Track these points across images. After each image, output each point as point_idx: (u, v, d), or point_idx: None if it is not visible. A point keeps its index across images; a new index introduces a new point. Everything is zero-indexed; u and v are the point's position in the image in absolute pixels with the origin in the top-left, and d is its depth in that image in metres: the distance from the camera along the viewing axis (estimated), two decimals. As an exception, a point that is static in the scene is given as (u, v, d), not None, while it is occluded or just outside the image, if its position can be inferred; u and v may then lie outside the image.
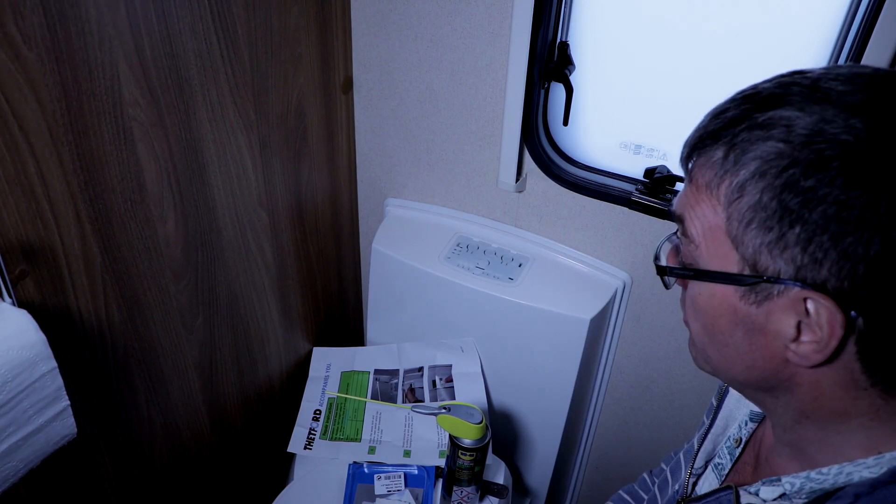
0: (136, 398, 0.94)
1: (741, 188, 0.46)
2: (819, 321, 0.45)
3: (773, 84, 0.48)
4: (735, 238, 0.47)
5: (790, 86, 0.47)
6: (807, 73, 0.48)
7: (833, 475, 0.51)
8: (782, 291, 0.46)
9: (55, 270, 0.75)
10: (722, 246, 0.48)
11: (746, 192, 0.46)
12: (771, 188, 0.44)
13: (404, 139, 1.22)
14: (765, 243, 0.45)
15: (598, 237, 1.14)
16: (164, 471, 1.04)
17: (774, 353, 0.49)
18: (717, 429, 0.69)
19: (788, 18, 0.86)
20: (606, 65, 1.02)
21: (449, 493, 1.06)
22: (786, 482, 0.53)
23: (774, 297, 0.47)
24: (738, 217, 0.47)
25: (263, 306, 1.16)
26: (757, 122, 0.46)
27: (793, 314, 0.46)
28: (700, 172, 0.50)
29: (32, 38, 0.65)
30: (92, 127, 0.74)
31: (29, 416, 0.67)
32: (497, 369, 1.24)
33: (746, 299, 0.48)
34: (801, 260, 0.44)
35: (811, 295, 0.44)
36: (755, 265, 0.47)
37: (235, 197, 1.01)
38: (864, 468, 0.49)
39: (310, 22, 1.05)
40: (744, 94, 0.49)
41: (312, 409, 1.21)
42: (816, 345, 0.46)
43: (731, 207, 0.47)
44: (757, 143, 0.45)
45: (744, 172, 0.46)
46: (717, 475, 0.66)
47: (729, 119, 0.48)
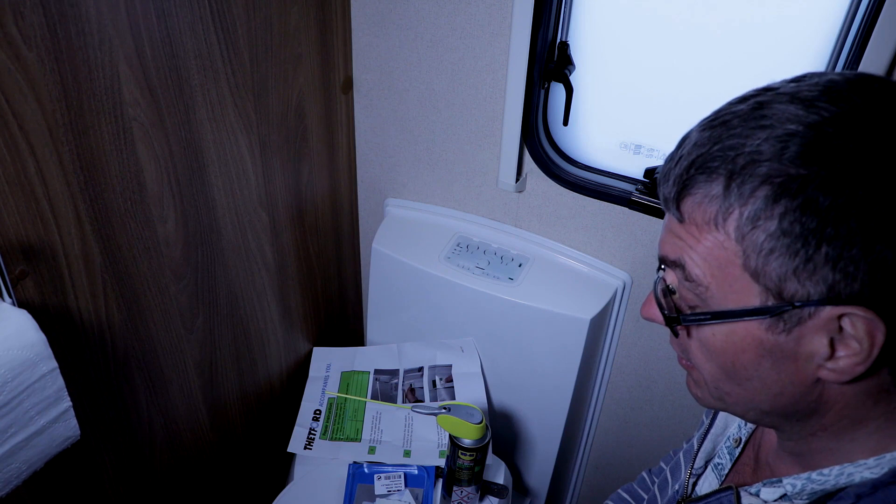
0: (136, 398, 0.94)
1: (754, 218, 0.44)
2: (857, 334, 0.44)
3: (749, 105, 0.46)
4: (755, 270, 0.45)
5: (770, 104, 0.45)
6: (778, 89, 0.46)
7: (834, 476, 0.50)
8: (813, 313, 0.44)
9: (55, 270, 0.75)
10: (738, 281, 0.46)
11: (761, 222, 0.44)
12: (789, 213, 0.42)
13: (404, 139, 1.22)
14: (791, 269, 0.43)
15: (598, 237, 1.14)
16: (164, 471, 1.04)
17: (805, 375, 0.47)
18: (717, 429, 0.69)
19: (788, 18, 0.86)
20: (606, 65, 1.02)
21: (449, 493, 1.06)
22: (787, 483, 0.53)
23: (805, 321, 0.45)
24: (755, 249, 0.44)
25: (263, 306, 1.16)
26: (752, 147, 0.44)
27: (825, 333, 0.45)
28: (698, 210, 0.47)
29: (32, 38, 0.65)
30: (92, 127, 0.74)
31: (30, 416, 0.67)
32: (497, 369, 1.24)
33: (774, 329, 0.46)
34: (833, 278, 0.43)
35: (848, 310, 0.43)
36: (780, 293, 0.45)
37: (235, 197, 1.01)
38: (864, 469, 0.49)
39: (310, 22, 1.05)
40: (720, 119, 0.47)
41: (312, 409, 1.21)
42: (856, 357, 0.44)
43: (745, 240, 0.45)
44: (759, 168, 0.43)
45: (753, 201, 0.44)
46: (716, 475, 0.65)
47: (719, 148, 0.46)
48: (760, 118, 0.45)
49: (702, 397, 0.56)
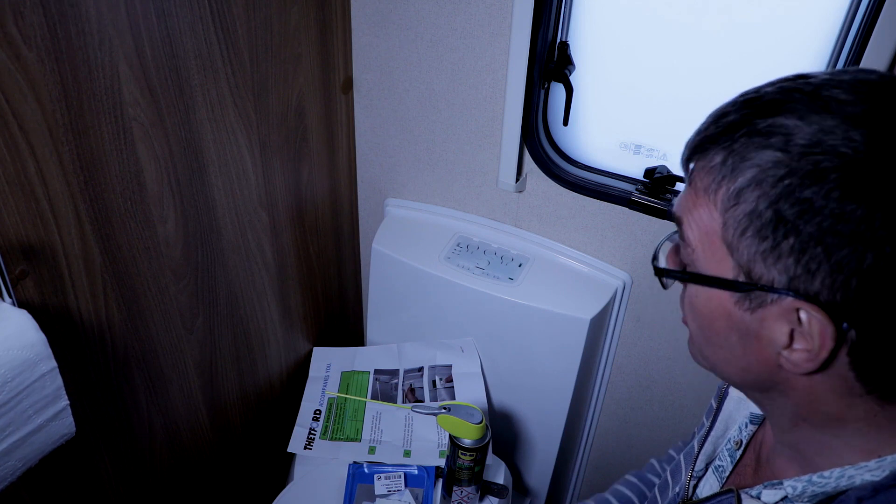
0: (136, 398, 0.94)
1: (738, 195, 0.46)
2: (811, 331, 0.45)
3: (775, 89, 0.48)
4: (730, 244, 0.47)
5: (792, 92, 0.46)
6: (810, 79, 0.47)
7: (835, 479, 0.51)
8: (776, 300, 0.46)
9: (55, 270, 0.75)
10: (718, 251, 0.48)
11: (743, 200, 0.46)
12: (767, 197, 0.44)
13: (404, 139, 1.22)
14: (759, 252, 0.45)
15: (598, 237, 1.14)
16: (164, 471, 1.04)
17: (768, 358, 0.49)
18: (717, 431, 0.69)
19: (788, 18, 0.86)
20: (606, 65, 1.02)
21: (449, 493, 1.06)
22: (788, 486, 0.53)
23: (768, 305, 0.47)
24: (733, 224, 0.46)
25: (263, 306, 1.16)
26: (756, 129, 0.46)
27: (785, 322, 0.46)
28: (699, 176, 0.49)
29: (32, 38, 0.65)
30: (92, 127, 0.74)
31: (28, 415, 0.67)
32: (497, 369, 1.24)
33: (741, 305, 0.48)
34: (795, 270, 0.44)
35: (803, 306, 0.45)
36: (750, 272, 0.47)
37: (235, 197, 1.01)
38: (865, 471, 0.49)
39: (310, 22, 1.05)
40: (746, 97, 0.49)
41: (312, 409, 1.21)
42: (808, 353, 0.46)
43: (727, 214, 0.47)
44: (756, 151, 0.45)
45: (741, 179, 0.46)
46: (717, 477, 0.66)
47: (729, 124, 0.48)
48: (779, 104, 0.46)
49: (693, 354, 0.58)
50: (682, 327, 0.57)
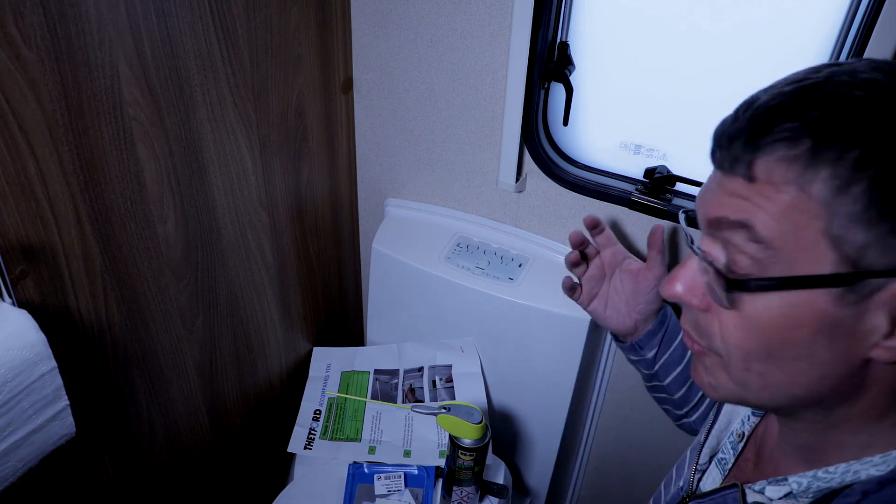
0: (136, 398, 0.94)
1: (843, 182, 0.42)
2: None
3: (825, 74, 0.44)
4: (836, 236, 0.43)
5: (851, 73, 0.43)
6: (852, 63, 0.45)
7: (840, 473, 0.50)
8: (884, 285, 0.43)
9: (55, 270, 0.75)
10: (813, 246, 0.44)
11: (851, 186, 0.41)
12: (879, 178, 0.41)
13: (404, 139, 1.22)
14: (874, 237, 0.42)
15: (598, 237, 1.14)
16: (164, 471, 1.04)
17: (857, 354, 0.46)
18: (721, 424, 0.68)
19: (788, 18, 0.86)
20: (606, 65, 1.02)
21: (449, 493, 1.06)
22: (793, 482, 0.52)
23: (875, 294, 0.43)
24: (842, 213, 0.42)
25: (263, 306, 1.16)
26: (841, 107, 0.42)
27: (888, 309, 0.43)
28: (778, 170, 0.44)
29: (32, 38, 0.65)
30: (92, 127, 0.74)
31: (28, 415, 0.67)
32: (497, 369, 1.24)
33: (842, 301, 0.44)
34: None
35: None
36: (857, 261, 0.43)
37: (235, 197, 1.01)
38: (871, 466, 0.49)
39: (310, 22, 1.05)
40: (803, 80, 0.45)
41: (312, 409, 1.21)
42: None
43: (832, 204, 0.42)
44: (849, 132, 0.41)
45: (843, 165, 0.42)
46: (720, 470, 0.65)
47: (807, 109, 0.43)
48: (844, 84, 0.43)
49: (716, 385, 0.52)
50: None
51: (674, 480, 0.72)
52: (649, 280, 0.90)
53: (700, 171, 1.01)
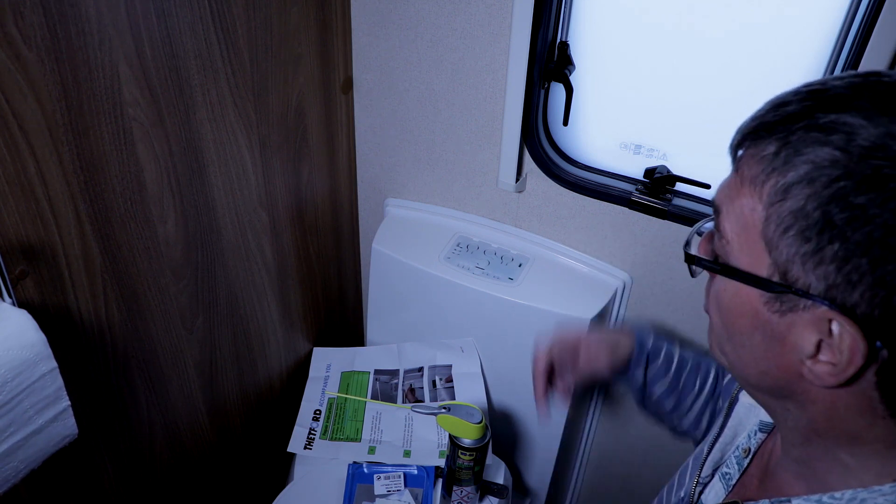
0: (136, 398, 0.94)
1: (786, 190, 0.43)
2: (840, 345, 0.43)
3: (844, 83, 0.44)
4: (770, 241, 0.44)
5: (862, 89, 0.43)
6: (883, 78, 0.44)
7: (846, 500, 0.49)
8: (808, 306, 0.44)
9: (55, 270, 0.75)
10: (755, 246, 0.46)
11: (791, 196, 0.43)
12: (817, 197, 0.41)
13: (404, 139, 1.22)
14: (799, 254, 0.43)
15: (598, 237, 1.14)
16: (164, 471, 1.04)
17: (790, 364, 0.47)
18: (726, 437, 0.67)
19: (788, 18, 0.86)
20: (606, 65, 1.02)
21: (449, 493, 1.06)
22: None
23: (799, 310, 0.44)
24: (777, 220, 0.44)
25: (263, 306, 1.16)
26: (817, 123, 0.43)
27: (815, 331, 0.44)
28: (748, 164, 0.46)
29: (32, 38, 0.65)
30: (92, 127, 0.74)
31: (29, 416, 0.67)
32: (497, 369, 1.24)
33: (770, 306, 0.46)
34: (835, 279, 0.42)
35: (837, 317, 0.42)
36: (786, 273, 0.44)
37: (235, 197, 1.01)
38: (879, 495, 0.47)
39: (310, 22, 1.05)
40: (810, 88, 0.45)
41: (312, 409, 1.21)
42: (833, 367, 0.44)
43: (771, 208, 0.44)
44: (812, 146, 0.42)
45: (792, 174, 0.43)
46: (724, 485, 0.64)
47: (788, 114, 0.44)
48: (846, 100, 0.43)
49: (711, 348, 0.56)
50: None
51: (675, 489, 0.72)
52: None
53: (700, 171, 1.01)
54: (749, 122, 0.48)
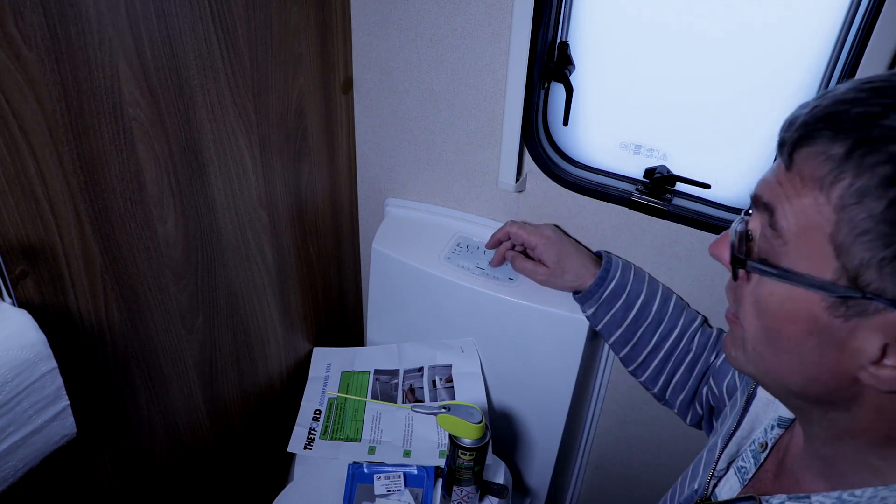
0: (136, 398, 0.94)
1: (862, 193, 0.41)
2: None
3: None
4: (840, 245, 0.42)
5: None
6: None
7: (867, 498, 0.48)
8: (879, 310, 0.42)
9: (55, 270, 0.75)
10: (820, 249, 0.44)
11: (867, 200, 0.41)
12: None
13: (404, 139, 1.22)
14: (876, 258, 0.41)
15: (598, 237, 1.14)
16: (164, 471, 1.04)
17: (846, 370, 0.45)
18: (743, 431, 0.66)
19: (787, 19, 0.86)
20: (606, 65, 1.02)
21: (449, 493, 1.06)
22: (815, 501, 0.50)
23: (867, 315, 0.43)
24: (850, 224, 0.42)
25: (263, 306, 1.16)
26: (893, 123, 0.41)
27: (881, 335, 0.43)
28: (810, 162, 0.44)
29: (32, 38, 0.65)
30: (92, 127, 0.74)
31: (28, 416, 0.67)
32: (497, 369, 1.24)
33: (834, 311, 0.44)
34: None
35: None
36: (856, 278, 0.42)
37: (235, 197, 1.01)
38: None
39: (310, 22, 1.05)
40: (876, 84, 0.44)
41: (312, 409, 1.21)
42: None
43: (843, 212, 0.42)
44: (891, 146, 0.40)
45: (869, 176, 0.41)
46: (739, 479, 0.63)
47: (859, 111, 0.42)
48: None
49: (735, 357, 0.53)
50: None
51: (688, 480, 0.71)
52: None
53: (700, 171, 1.01)
54: (809, 118, 0.45)
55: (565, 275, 1.04)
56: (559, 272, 1.05)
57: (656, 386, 0.99)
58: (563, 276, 1.04)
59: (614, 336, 1.01)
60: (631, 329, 0.99)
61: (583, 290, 1.03)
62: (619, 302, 1.00)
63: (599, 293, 1.00)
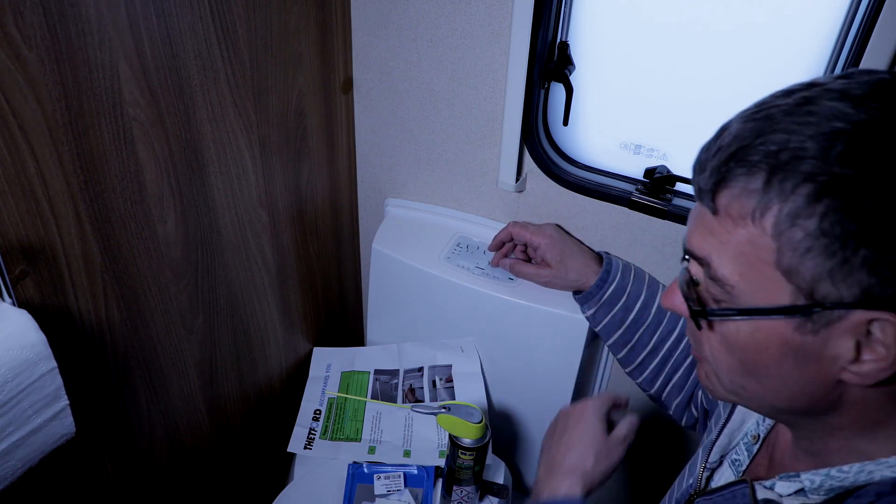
0: (136, 398, 0.94)
1: (793, 216, 0.43)
2: (885, 339, 0.43)
3: (795, 99, 0.45)
4: (788, 269, 0.44)
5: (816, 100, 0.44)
6: (826, 85, 0.44)
7: (854, 473, 0.50)
8: (843, 316, 0.43)
9: (55, 270, 0.75)
10: (769, 279, 0.45)
11: (801, 220, 0.42)
12: (830, 213, 0.41)
13: (404, 139, 1.22)
14: (825, 270, 0.42)
15: (598, 237, 1.14)
16: (164, 471, 1.04)
17: (827, 376, 0.47)
18: (734, 423, 0.67)
19: (788, 19, 0.86)
20: (606, 65, 1.02)
21: (449, 492, 1.06)
22: (805, 479, 0.52)
23: (834, 323, 0.44)
24: (791, 247, 0.43)
25: (263, 306, 1.16)
26: (795, 143, 0.43)
27: (852, 336, 0.44)
28: (736, 203, 0.45)
29: (32, 38, 0.65)
30: (92, 127, 0.74)
31: (28, 415, 0.67)
32: (497, 369, 1.24)
33: (801, 329, 0.45)
34: (868, 282, 0.42)
35: (879, 315, 0.42)
36: (812, 293, 0.44)
37: (235, 197, 1.01)
38: (885, 467, 0.48)
39: (310, 22, 1.05)
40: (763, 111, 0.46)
41: (312, 409, 1.21)
42: (882, 363, 0.44)
43: (782, 237, 0.43)
44: (802, 165, 0.42)
45: (794, 199, 0.42)
46: (734, 471, 0.64)
47: (761, 141, 0.44)
48: (807, 114, 0.43)
49: (714, 390, 0.55)
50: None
51: (685, 478, 0.72)
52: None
53: (700, 171, 1.01)
54: (717, 162, 0.46)
55: (569, 274, 1.04)
56: (563, 271, 1.05)
57: (653, 388, 1.00)
58: (567, 275, 1.05)
59: (613, 337, 1.01)
60: (630, 331, 1.00)
61: (584, 290, 1.03)
62: (619, 304, 1.00)
63: (600, 295, 1.01)
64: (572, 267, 1.05)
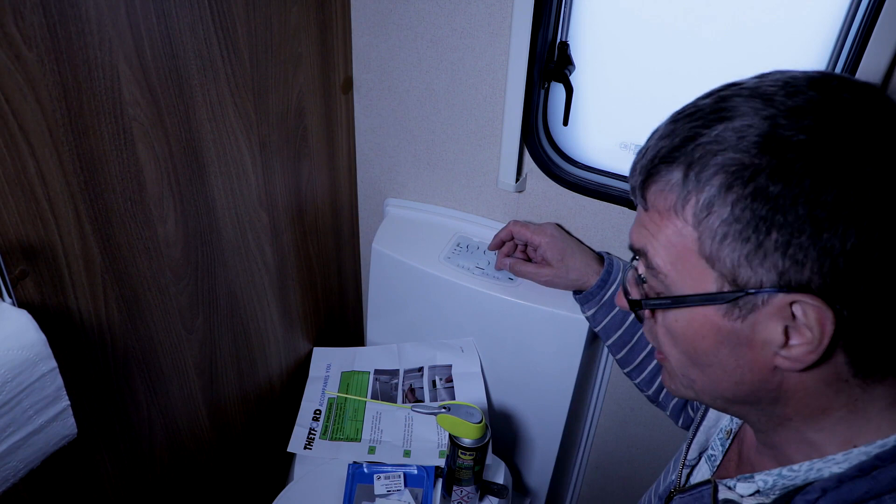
0: (136, 398, 0.94)
1: (709, 205, 0.46)
2: (808, 322, 0.45)
3: (712, 99, 0.48)
4: (710, 256, 0.47)
5: (731, 98, 0.47)
6: (742, 84, 0.48)
7: (804, 471, 0.52)
8: (767, 300, 0.46)
9: (55, 270, 0.75)
10: (695, 267, 0.48)
11: (716, 208, 0.45)
12: (741, 199, 0.44)
13: (404, 139, 1.22)
14: (743, 255, 0.45)
15: (598, 237, 1.14)
16: (164, 471, 1.04)
17: (763, 363, 0.49)
18: (710, 421, 0.69)
19: (788, 19, 0.86)
20: (606, 65, 1.02)
21: (449, 492, 1.06)
22: (759, 479, 0.54)
23: (759, 308, 0.46)
24: (710, 234, 0.46)
25: (263, 306, 1.16)
26: (710, 138, 0.46)
27: (779, 320, 0.46)
28: (660, 197, 0.49)
29: (32, 38, 0.65)
30: (92, 127, 0.74)
31: (29, 416, 0.67)
32: (497, 369, 1.24)
33: (730, 315, 0.48)
34: (783, 265, 0.44)
35: (798, 298, 0.45)
36: (735, 279, 0.46)
37: (235, 197, 1.01)
38: (833, 464, 0.50)
39: (310, 22, 1.05)
40: (685, 112, 0.49)
41: (312, 409, 1.21)
42: (808, 346, 0.46)
43: (701, 226, 0.47)
44: (715, 158, 0.45)
45: (709, 188, 0.46)
46: (710, 467, 0.67)
47: (680, 139, 0.48)
48: (721, 111, 0.47)
49: (675, 388, 0.57)
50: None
51: (670, 474, 0.74)
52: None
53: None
54: (644, 161, 0.51)
55: (569, 273, 1.05)
56: (563, 270, 1.05)
57: (651, 388, 1.01)
58: (568, 274, 1.05)
59: (613, 338, 1.02)
60: (629, 331, 1.00)
61: (585, 290, 1.04)
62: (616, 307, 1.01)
63: (601, 295, 1.01)
64: (573, 266, 1.05)
